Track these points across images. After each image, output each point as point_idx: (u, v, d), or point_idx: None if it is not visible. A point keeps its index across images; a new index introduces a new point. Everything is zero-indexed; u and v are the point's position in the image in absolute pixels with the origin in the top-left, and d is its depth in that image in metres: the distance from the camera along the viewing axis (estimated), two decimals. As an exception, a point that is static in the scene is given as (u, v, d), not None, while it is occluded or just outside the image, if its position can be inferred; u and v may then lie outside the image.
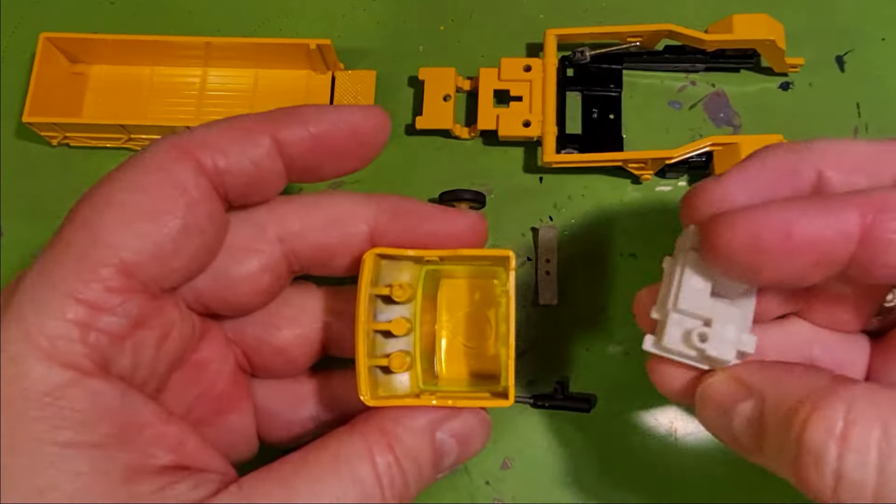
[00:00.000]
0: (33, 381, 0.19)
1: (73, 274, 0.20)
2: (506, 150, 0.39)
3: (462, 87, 0.40)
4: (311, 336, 0.27)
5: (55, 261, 0.21)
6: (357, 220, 0.25)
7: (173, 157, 0.22)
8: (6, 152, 0.41)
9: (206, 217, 0.22)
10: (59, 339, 0.20)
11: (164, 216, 0.21)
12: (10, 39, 0.43)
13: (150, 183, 0.22)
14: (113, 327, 0.21)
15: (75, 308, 0.20)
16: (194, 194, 0.22)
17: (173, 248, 0.21)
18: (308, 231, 0.25)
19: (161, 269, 0.22)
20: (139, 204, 0.21)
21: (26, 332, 0.20)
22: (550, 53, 0.38)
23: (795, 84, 0.40)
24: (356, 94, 0.40)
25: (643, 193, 0.38)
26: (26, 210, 0.40)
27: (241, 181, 0.23)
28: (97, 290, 0.20)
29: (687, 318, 0.23)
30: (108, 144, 0.40)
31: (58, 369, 0.20)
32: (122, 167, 0.22)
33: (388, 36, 0.42)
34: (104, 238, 0.21)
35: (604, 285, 0.37)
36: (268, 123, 0.24)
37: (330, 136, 0.24)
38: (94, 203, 0.21)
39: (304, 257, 0.25)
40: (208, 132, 0.23)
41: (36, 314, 0.20)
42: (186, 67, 0.41)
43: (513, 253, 0.25)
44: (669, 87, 0.40)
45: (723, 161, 0.36)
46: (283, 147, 0.24)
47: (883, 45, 0.40)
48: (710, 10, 0.40)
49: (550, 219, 0.38)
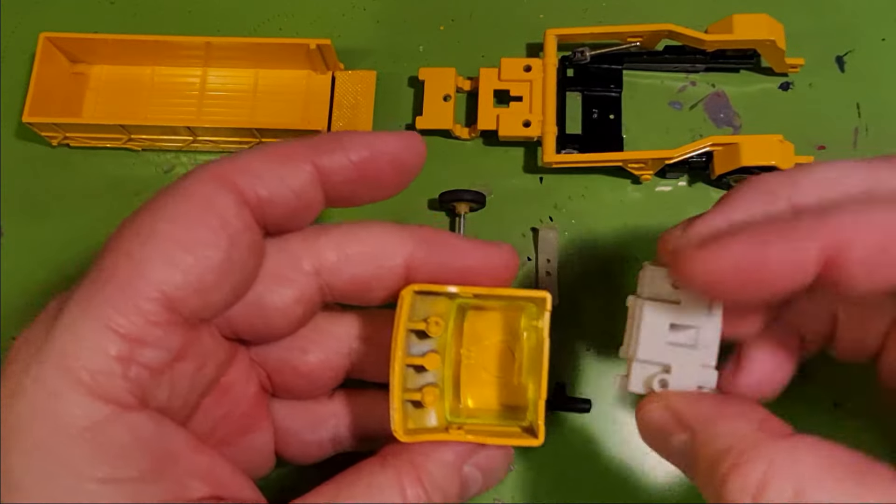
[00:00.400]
0: (74, 416, 0.19)
1: (116, 307, 0.20)
2: (506, 150, 0.39)
3: (462, 87, 0.40)
4: (335, 361, 0.27)
5: (97, 292, 0.20)
6: (393, 253, 0.25)
7: (215, 187, 0.22)
8: (6, 152, 0.41)
9: (248, 249, 0.22)
10: (101, 373, 0.20)
11: (208, 249, 0.21)
12: (10, 39, 0.43)
13: (192, 213, 0.21)
14: (154, 361, 0.21)
15: (118, 342, 0.20)
16: (237, 226, 0.22)
17: (215, 282, 0.21)
18: (344, 264, 0.25)
19: (202, 302, 0.21)
20: (182, 236, 0.21)
21: (68, 367, 0.19)
22: (550, 53, 0.38)
23: (795, 84, 0.40)
24: (356, 94, 0.40)
25: (643, 193, 0.38)
26: (26, 210, 0.40)
27: (282, 211, 0.23)
28: (139, 325, 0.20)
29: (647, 365, 0.24)
30: (108, 144, 0.40)
31: (99, 404, 0.19)
32: (163, 195, 0.22)
33: (388, 36, 0.42)
34: (147, 271, 0.20)
35: (604, 286, 0.37)
36: (309, 151, 0.23)
37: (371, 164, 0.24)
38: (136, 233, 0.21)
39: (338, 289, 0.25)
40: (250, 160, 0.23)
41: (77, 348, 0.20)
42: (186, 67, 0.41)
43: (549, 294, 0.25)
44: (669, 88, 0.40)
45: (723, 161, 0.36)
46: (324, 175, 0.23)
47: (883, 45, 0.40)
48: (710, 10, 0.40)
49: (550, 219, 0.38)
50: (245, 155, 0.23)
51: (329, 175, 0.23)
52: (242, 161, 0.22)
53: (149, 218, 0.21)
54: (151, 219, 0.21)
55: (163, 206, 0.22)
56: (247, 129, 0.38)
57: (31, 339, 0.20)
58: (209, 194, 0.22)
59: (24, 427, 0.19)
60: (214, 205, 0.21)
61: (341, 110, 0.40)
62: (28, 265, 0.39)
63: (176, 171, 0.40)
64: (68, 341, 0.20)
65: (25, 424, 0.19)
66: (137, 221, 0.21)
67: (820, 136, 0.38)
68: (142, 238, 0.21)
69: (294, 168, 0.23)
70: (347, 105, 0.40)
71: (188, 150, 0.40)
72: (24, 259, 0.39)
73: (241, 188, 0.22)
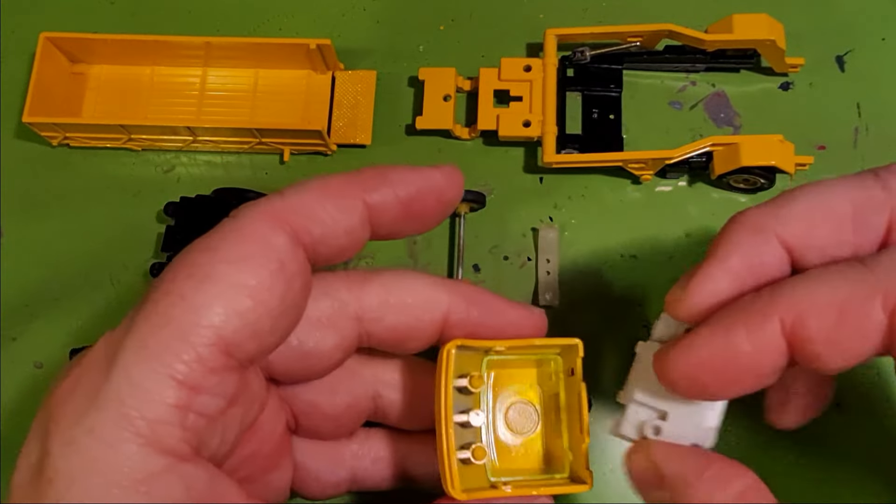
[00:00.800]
0: (130, 468, 0.19)
1: (174, 353, 0.19)
2: (506, 150, 0.39)
3: (462, 87, 0.40)
4: (362, 404, 0.27)
5: (153, 337, 0.20)
6: (434, 307, 0.25)
7: (271, 227, 0.21)
8: (6, 152, 0.41)
9: (302, 291, 0.22)
10: (159, 423, 0.19)
11: (265, 293, 0.21)
12: (10, 39, 0.43)
13: (249, 255, 0.21)
14: (210, 408, 0.20)
15: (176, 390, 0.19)
16: (292, 268, 0.21)
17: (271, 326, 0.21)
18: (385, 314, 0.25)
19: (258, 347, 0.21)
20: (239, 279, 0.20)
21: (126, 416, 0.19)
22: (550, 53, 0.38)
23: (795, 84, 0.40)
24: (356, 94, 0.40)
25: (643, 193, 0.38)
26: (26, 210, 0.40)
27: (333, 250, 0.23)
28: (198, 371, 0.20)
29: (643, 408, 0.24)
30: (108, 144, 0.40)
31: (155, 456, 0.19)
32: (217, 234, 0.21)
33: (388, 36, 0.42)
34: (204, 316, 0.20)
35: (604, 286, 0.37)
36: (358, 187, 0.23)
37: (417, 202, 0.24)
38: (191, 275, 0.20)
39: (375, 336, 0.25)
40: (302, 198, 0.22)
41: (135, 396, 0.19)
42: (186, 67, 0.41)
43: (580, 341, 0.25)
44: (670, 87, 0.40)
45: (723, 161, 0.36)
46: (373, 213, 0.23)
47: (883, 45, 0.40)
48: (710, 10, 0.40)
49: (550, 219, 0.38)
50: (297, 192, 0.22)
51: (378, 212, 0.23)
52: (295, 199, 0.22)
53: (204, 259, 0.21)
54: (207, 260, 0.21)
55: (218, 246, 0.21)
56: (247, 129, 0.38)
57: (83, 382, 0.20)
58: (265, 234, 0.21)
59: (79, 478, 0.19)
60: (270, 245, 0.21)
61: (341, 110, 0.40)
62: (28, 265, 0.39)
63: (176, 170, 0.40)
64: (126, 389, 0.19)
65: (80, 476, 0.19)
66: (192, 262, 0.21)
67: (820, 136, 0.38)
68: (197, 280, 0.20)
69: (346, 206, 0.23)
70: (347, 105, 0.40)
71: (188, 150, 0.40)
72: (24, 259, 0.39)
73: (295, 228, 0.22)
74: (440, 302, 0.25)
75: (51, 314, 0.38)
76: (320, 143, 0.39)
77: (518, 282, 0.37)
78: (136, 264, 0.38)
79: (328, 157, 0.40)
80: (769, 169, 0.35)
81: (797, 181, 0.37)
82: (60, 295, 0.38)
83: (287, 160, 0.40)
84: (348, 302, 0.25)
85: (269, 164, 0.40)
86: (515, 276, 0.37)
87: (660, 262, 0.37)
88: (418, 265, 0.38)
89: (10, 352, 0.37)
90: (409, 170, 0.24)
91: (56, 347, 0.37)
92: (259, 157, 0.40)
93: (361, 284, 0.25)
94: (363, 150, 0.40)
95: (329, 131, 0.39)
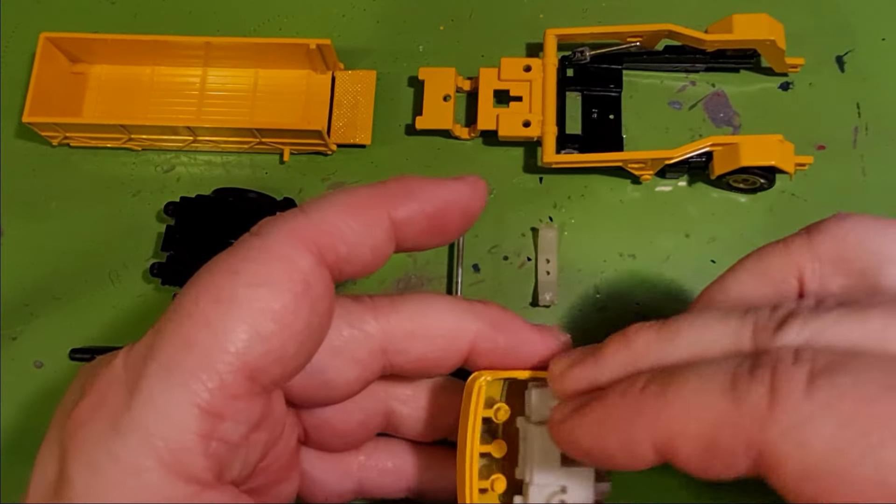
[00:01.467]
0: (154, 495, 0.19)
1: (199, 380, 0.19)
2: (506, 150, 0.39)
3: (462, 87, 0.40)
4: (374, 420, 0.27)
5: (177, 362, 0.19)
6: (462, 336, 0.25)
7: (295, 247, 0.21)
8: (6, 152, 0.41)
9: (326, 314, 0.22)
10: (183, 451, 0.19)
11: (289, 317, 0.20)
12: (10, 39, 0.43)
13: (273, 277, 0.20)
14: (233, 435, 0.20)
15: (200, 418, 0.19)
16: (318, 290, 0.21)
17: (296, 350, 0.21)
18: (411, 346, 0.24)
19: (282, 372, 0.21)
20: (264, 303, 0.20)
21: (150, 444, 0.19)
22: (550, 53, 0.38)
23: (795, 84, 0.40)
24: (356, 94, 0.40)
25: (643, 193, 0.38)
26: (26, 210, 0.40)
27: (357, 268, 0.22)
28: (221, 398, 0.19)
29: (544, 487, 0.24)
30: (109, 144, 0.40)
31: (179, 484, 0.19)
32: (240, 254, 0.21)
33: (388, 36, 0.42)
34: (229, 341, 0.19)
35: (604, 285, 0.37)
36: (383, 202, 0.22)
37: (443, 216, 0.23)
38: (216, 298, 0.20)
39: (400, 368, 0.25)
40: (326, 214, 0.22)
41: (159, 425, 0.19)
42: (186, 67, 0.41)
43: None
44: (669, 87, 0.40)
45: (723, 161, 0.36)
46: (398, 228, 0.23)
47: (883, 45, 0.40)
48: (710, 10, 0.40)
49: (550, 219, 0.38)
50: (320, 209, 0.22)
51: (402, 227, 0.23)
52: (319, 217, 0.21)
53: (228, 281, 0.20)
54: (231, 283, 0.20)
55: (242, 269, 0.20)
56: (247, 129, 0.38)
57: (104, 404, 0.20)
58: (290, 255, 0.21)
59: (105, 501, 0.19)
60: (295, 266, 0.20)
61: (341, 110, 0.40)
62: (28, 264, 0.39)
63: (176, 170, 0.40)
64: (150, 416, 0.19)
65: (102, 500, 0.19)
66: (216, 284, 0.20)
67: (820, 136, 0.38)
68: (222, 304, 0.20)
69: (371, 223, 0.22)
70: (347, 105, 0.40)
71: (188, 150, 0.40)
72: (24, 258, 0.39)
73: (320, 248, 0.21)
74: (468, 331, 0.24)
75: (51, 314, 0.38)
76: (320, 143, 0.39)
77: (517, 282, 0.37)
78: (137, 264, 0.38)
79: (328, 156, 0.40)
80: (769, 169, 0.35)
81: (797, 181, 0.37)
82: (60, 294, 0.38)
83: (287, 160, 0.40)
84: (374, 334, 0.24)
85: (269, 164, 0.40)
86: (515, 275, 0.37)
87: (659, 262, 0.37)
88: (418, 265, 0.38)
89: (10, 351, 0.37)
90: (435, 183, 0.23)
91: (56, 347, 0.37)
92: (259, 156, 0.40)
93: (388, 315, 0.24)
94: (363, 149, 0.40)
95: (329, 131, 0.39)
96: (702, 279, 0.37)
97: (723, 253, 0.37)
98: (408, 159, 0.39)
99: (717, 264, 0.37)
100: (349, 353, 0.24)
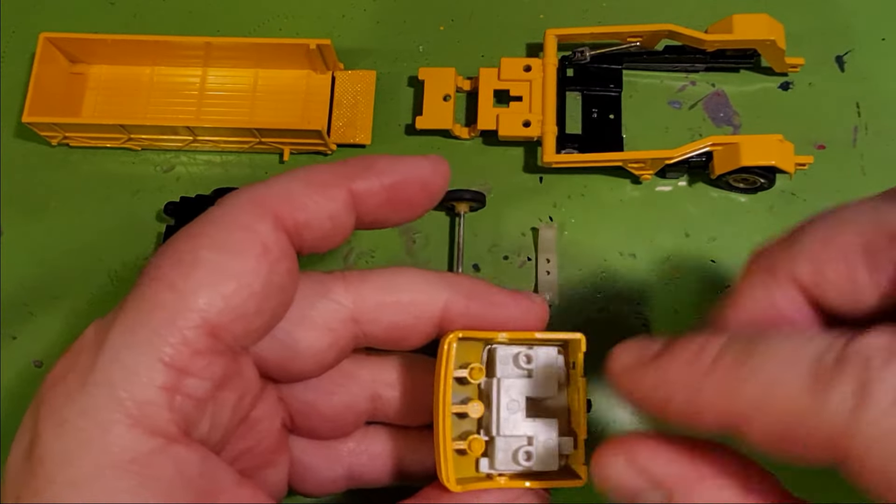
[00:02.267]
0: (121, 448, 0.19)
1: (161, 337, 0.20)
2: (506, 150, 0.39)
3: (462, 87, 0.40)
4: (360, 405, 0.27)
5: (142, 323, 0.20)
6: (432, 304, 0.25)
7: (255, 215, 0.22)
8: (6, 152, 0.41)
9: (287, 275, 0.22)
10: (148, 405, 0.19)
11: (248, 276, 0.21)
12: (10, 39, 0.43)
13: (233, 242, 0.21)
14: (198, 391, 0.21)
15: (164, 373, 0.20)
16: (276, 253, 0.22)
17: (257, 308, 0.21)
18: (382, 313, 0.25)
19: (245, 329, 0.21)
20: (224, 264, 0.21)
21: (116, 399, 0.19)
22: (550, 53, 0.38)
23: (795, 84, 0.40)
24: (356, 94, 0.40)
25: (643, 193, 0.38)
26: (26, 209, 0.40)
27: (317, 235, 0.23)
28: (185, 354, 0.20)
29: (511, 438, 0.25)
30: (108, 144, 0.40)
31: (146, 437, 0.19)
32: (202, 222, 0.22)
33: (388, 36, 0.42)
34: (191, 300, 0.20)
35: (604, 285, 0.37)
36: (343, 176, 0.23)
37: (402, 189, 0.24)
38: (178, 261, 0.21)
39: (373, 337, 0.26)
40: (287, 186, 0.23)
41: (125, 380, 0.19)
42: (186, 67, 0.41)
43: (583, 336, 0.25)
44: (669, 87, 0.40)
45: (723, 161, 0.36)
46: (358, 199, 0.24)
47: (883, 45, 0.40)
48: (710, 10, 0.40)
49: (550, 219, 0.38)
50: (282, 181, 0.23)
51: (362, 199, 0.24)
52: (279, 187, 0.23)
53: (189, 246, 0.21)
54: (192, 247, 0.21)
55: (203, 233, 0.22)
56: (247, 129, 0.38)
57: (73, 366, 0.20)
58: (249, 222, 0.22)
59: (71, 458, 0.19)
60: (254, 232, 0.22)
61: (341, 110, 0.40)
62: (27, 264, 0.39)
63: (176, 170, 0.40)
64: (116, 372, 0.20)
65: (73, 456, 0.19)
66: (178, 249, 0.21)
67: (820, 136, 0.38)
68: (184, 267, 0.21)
69: (330, 193, 0.23)
70: (347, 105, 0.40)
71: (188, 150, 0.40)
72: (24, 258, 0.39)
73: (279, 214, 0.22)
74: (437, 299, 0.25)
75: (50, 313, 0.38)
76: (320, 143, 0.39)
77: (517, 281, 0.37)
78: (136, 263, 0.38)
79: (328, 156, 0.40)
80: (769, 169, 0.35)
81: (797, 181, 0.37)
82: (60, 294, 0.38)
83: (287, 160, 0.40)
84: (344, 303, 0.25)
85: (268, 164, 0.40)
86: (515, 275, 0.37)
87: (659, 262, 0.37)
88: (418, 264, 0.38)
89: (10, 350, 0.37)
90: (395, 158, 0.24)
91: (55, 346, 0.37)
92: (259, 156, 0.40)
93: (358, 285, 0.25)
94: (363, 149, 0.40)
95: (329, 131, 0.39)
96: (702, 279, 0.37)
97: (723, 253, 0.37)
98: (408, 159, 0.39)
99: (716, 264, 0.37)
100: (321, 322, 0.25)
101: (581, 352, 0.25)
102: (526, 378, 0.25)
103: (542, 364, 0.25)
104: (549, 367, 0.25)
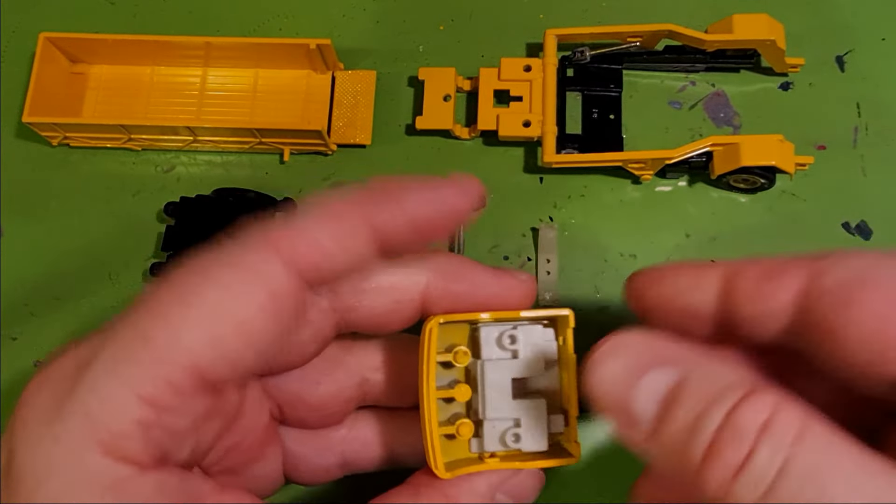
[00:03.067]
0: (95, 475, 0.19)
1: (145, 373, 0.19)
2: (506, 150, 0.39)
3: (462, 87, 0.40)
4: (347, 392, 0.27)
5: (128, 355, 0.20)
6: (411, 287, 0.25)
7: (266, 255, 0.21)
8: (6, 152, 0.41)
9: (293, 319, 0.22)
10: (122, 437, 0.19)
11: (248, 324, 0.20)
12: (10, 39, 0.43)
13: (238, 284, 0.20)
14: (176, 426, 0.20)
15: (141, 408, 0.19)
16: (285, 301, 0.21)
17: (252, 357, 0.21)
18: (361, 301, 0.24)
19: (232, 373, 0.21)
20: (225, 308, 0.20)
21: (91, 427, 0.19)
22: (550, 53, 0.38)
23: (795, 84, 0.40)
24: (356, 94, 0.40)
25: (643, 193, 0.38)
26: (26, 209, 0.40)
27: (336, 270, 0.22)
28: (166, 393, 0.19)
29: (498, 421, 0.25)
30: (108, 144, 0.40)
31: (119, 465, 0.19)
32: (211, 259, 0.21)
33: (388, 36, 0.42)
34: (183, 341, 0.20)
35: (604, 285, 0.37)
36: (365, 208, 0.22)
37: (429, 221, 0.23)
38: (179, 298, 0.20)
39: (353, 323, 0.25)
40: (304, 223, 0.21)
41: (102, 410, 0.19)
42: (186, 67, 0.41)
43: (571, 312, 0.25)
44: (669, 87, 0.40)
45: (723, 161, 0.36)
46: (379, 234, 0.22)
47: (883, 45, 0.40)
48: (710, 10, 0.40)
49: (550, 219, 0.38)
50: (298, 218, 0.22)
51: (385, 234, 0.22)
52: (298, 227, 0.21)
53: (194, 282, 0.20)
54: (196, 284, 0.20)
55: (210, 271, 0.21)
56: (247, 129, 0.38)
57: (51, 387, 0.20)
58: (257, 262, 0.21)
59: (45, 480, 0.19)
60: (261, 274, 0.21)
61: (341, 110, 0.40)
62: (28, 264, 0.39)
63: (176, 170, 0.40)
64: (93, 402, 0.19)
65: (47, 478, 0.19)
66: (182, 284, 0.20)
67: (820, 136, 0.38)
68: (183, 304, 0.20)
69: (350, 231, 0.22)
70: (347, 105, 0.40)
71: (188, 150, 0.40)
72: (24, 258, 0.39)
73: (293, 256, 0.21)
74: (417, 283, 0.25)
75: (50, 313, 0.38)
76: (320, 143, 0.39)
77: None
78: (136, 264, 0.38)
79: (328, 156, 0.40)
80: (769, 169, 0.35)
81: (797, 181, 0.37)
82: (60, 294, 0.38)
83: (287, 160, 0.40)
84: (321, 293, 0.24)
85: (269, 164, 0.40)
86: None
87: (659, 262, 0.37)
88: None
89: (10, 351, 0.37)
90: (422, 190, 0.22)
91: (55, 346, 0.37)
92: (259, 156, 0.40)
93: None
94: (363, 149, 0.40)
95: (329, 131, 0.39)
96: (702, 279, 0.37)
97: (723, 253, 0.37)
98: (408, 159, 0.39)
99: (717, 264, 0.37)
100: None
101: (570, 327, 0.25)
102: (511, 359, 0.25)
103: (527, 343, 0.25)
104: (535, 346, 0.25)
